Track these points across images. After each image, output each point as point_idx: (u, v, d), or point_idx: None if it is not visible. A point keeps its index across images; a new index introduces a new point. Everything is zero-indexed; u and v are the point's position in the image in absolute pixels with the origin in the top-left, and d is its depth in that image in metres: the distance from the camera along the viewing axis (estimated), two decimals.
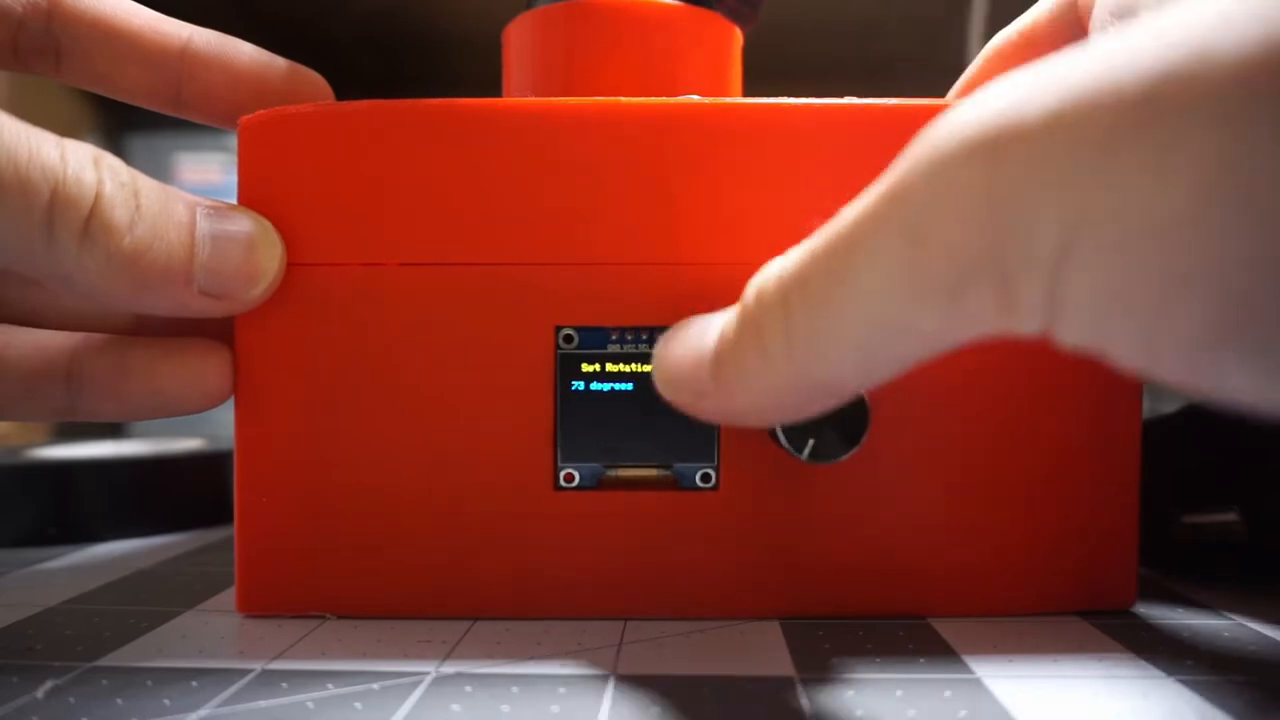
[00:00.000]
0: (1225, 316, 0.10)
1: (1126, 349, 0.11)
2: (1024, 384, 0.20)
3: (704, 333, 0.17)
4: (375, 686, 0.17)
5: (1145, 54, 0.10)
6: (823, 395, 0.15)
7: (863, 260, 0.13)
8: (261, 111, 0.20)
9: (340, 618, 0.21)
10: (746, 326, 0.15)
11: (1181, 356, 0.11)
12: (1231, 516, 0.23)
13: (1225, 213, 0.10)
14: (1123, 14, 0.17)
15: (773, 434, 0.19)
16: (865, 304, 0.13)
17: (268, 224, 0.20)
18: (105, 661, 0.18)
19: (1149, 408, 0.21)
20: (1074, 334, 0.12)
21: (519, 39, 0.24)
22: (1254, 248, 0.10)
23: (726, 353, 0.16)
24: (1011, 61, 0.23)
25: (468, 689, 0.16)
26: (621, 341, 0.20)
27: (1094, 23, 0.19)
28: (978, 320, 0.12)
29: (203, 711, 0.15)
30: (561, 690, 0.16)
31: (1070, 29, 0.22)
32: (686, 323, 0.17)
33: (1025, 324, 0.12)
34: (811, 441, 0.19)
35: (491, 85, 0.26)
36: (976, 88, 0.24)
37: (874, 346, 0.14)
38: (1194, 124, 0.10)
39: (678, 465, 0.20)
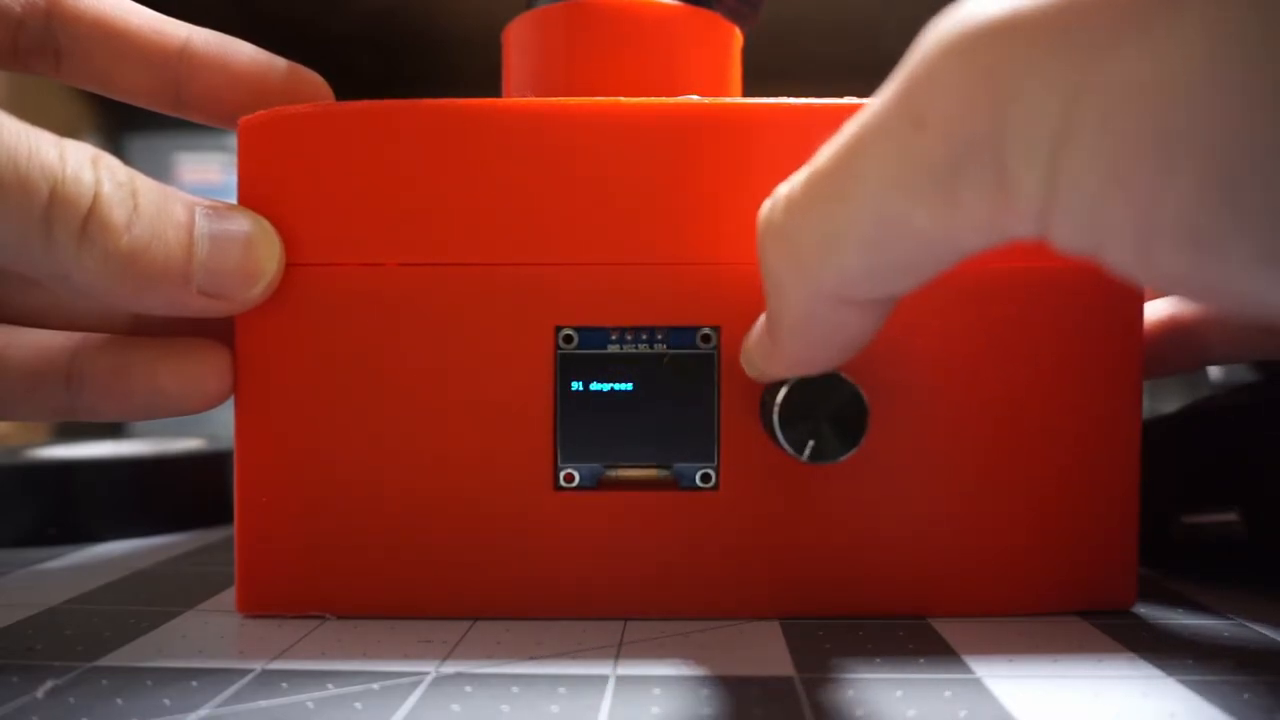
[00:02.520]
0: (1224, 177, 0.10)
1: (1124, 239, 0.11)
2: (1024, 384, 0.20)
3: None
4: (375, 686, 0.17)
5: None
6: (843, 311, 0.15)
7: (866, 152, 0.13)
8: (261, 111, 0.20)
9: (340, 618, 0.21)
10: (764, 272, 0.16)
11: (1180, 238, 0.11)
12: (1231, 516, 0.23)
13: (1223, 72, 0.10)
14: None
15: (772, 434, 0.19)
16: (866, 196, 0.13)
17: (267, 224, 0.20)
18: (105, 661, 0.18)
19: (1149, 408, 0.21)
20: (1070, 228, 0.12)
21: (519, 39, 0.24)
22: (1249, 106, 0.10)
23: (767, 308, 0.17)
24: None
25: (468, 689, 0.16)
26: (621, 341, 0.20)
27: None
28: (973, 214, 0.12)
29: (203, 711, 0.15)
30: (561, 690, 0.16)
31: None
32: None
33: (1022, 220, 0.12)
34: (811, 442, 0.19)
35: (491, 85, 0.26)
36: None
37: (877, 244, 0.14)
38: None
39: (678, 465, 0.20)
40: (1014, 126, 0.11)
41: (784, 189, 0.16)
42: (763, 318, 0.18)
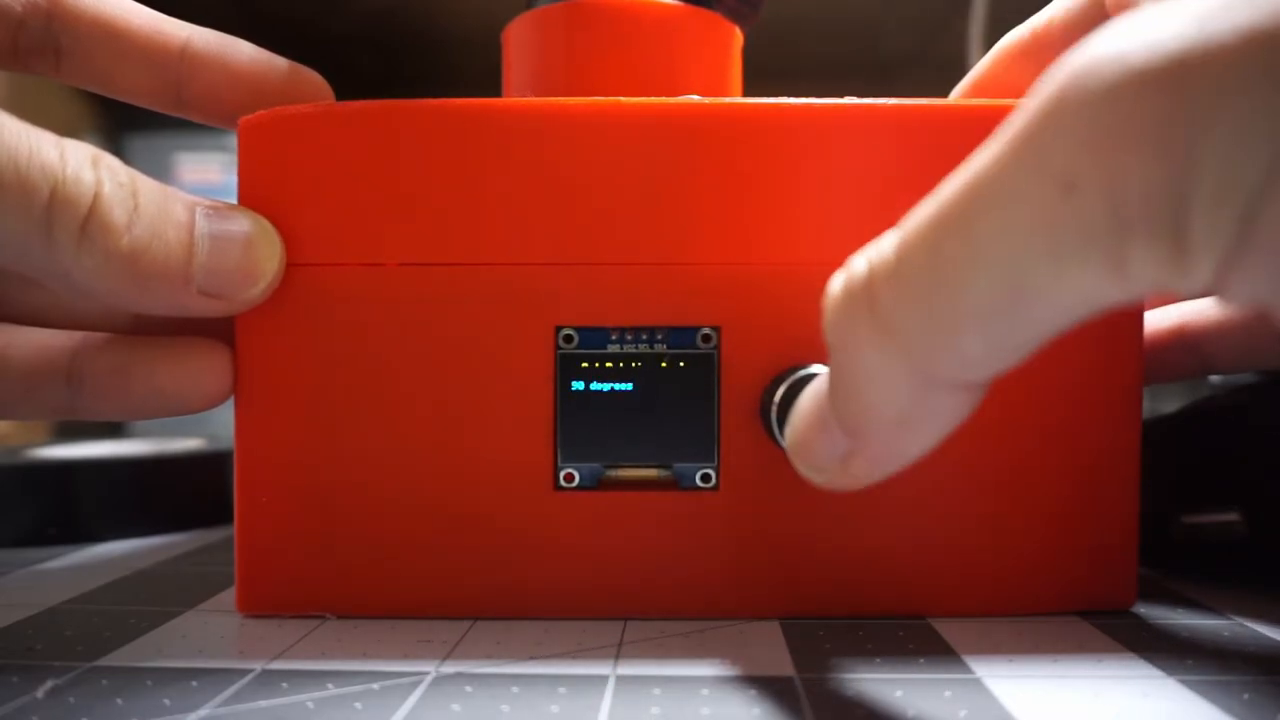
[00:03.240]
0: None
1: None
2: (1024, 384, 0.20)
3: (816, 391, 0.15)
4: (375, 686, 0.17)
5: None
6: (951, 397, 0.14)
7: (992, 219, 0.12)
8: (261, 111, 0.20)
9: (340, 618, 0.21)
10: (839, 356, 0.14)
11: None
12: (1231, 516, 0.23)
13: None
14: None
15: (772, 434, 0.19)
16: (997, 270, 0.12)
17: (267, 224, 0.20)
18: (105, 661, 0.18)
19: (1149, 408, 0.21)
20: (1255, 284, 0.10)
21: (519, 39, 0.24)
22: None
23: (842, 400, 0.14)
24: (1020, 63, 0.23)
25: (468, 689, 0.16)
26: (621, 341, 0.20)
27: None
28: (1137, 277, 0.11)
29: (203, 711, 0.15)
30: (561, 690, 0.16)
31: (1087, 30, 0.22)
32: (800, 396, 0.16)
33: (1192, 276, 0.11)
34: None
35: (491, 85, 0.26)
36: (984, 89, 0.24)
37: (1010, 320, 0.12)
38: None
39: (678, 465, 0.20)
40: (1203, 180, 0.10)
41: (864, 262, 0.14)
42: (805, 411, 0.16)
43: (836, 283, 0.14)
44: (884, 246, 0.14)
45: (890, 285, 0.13)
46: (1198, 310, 0.23)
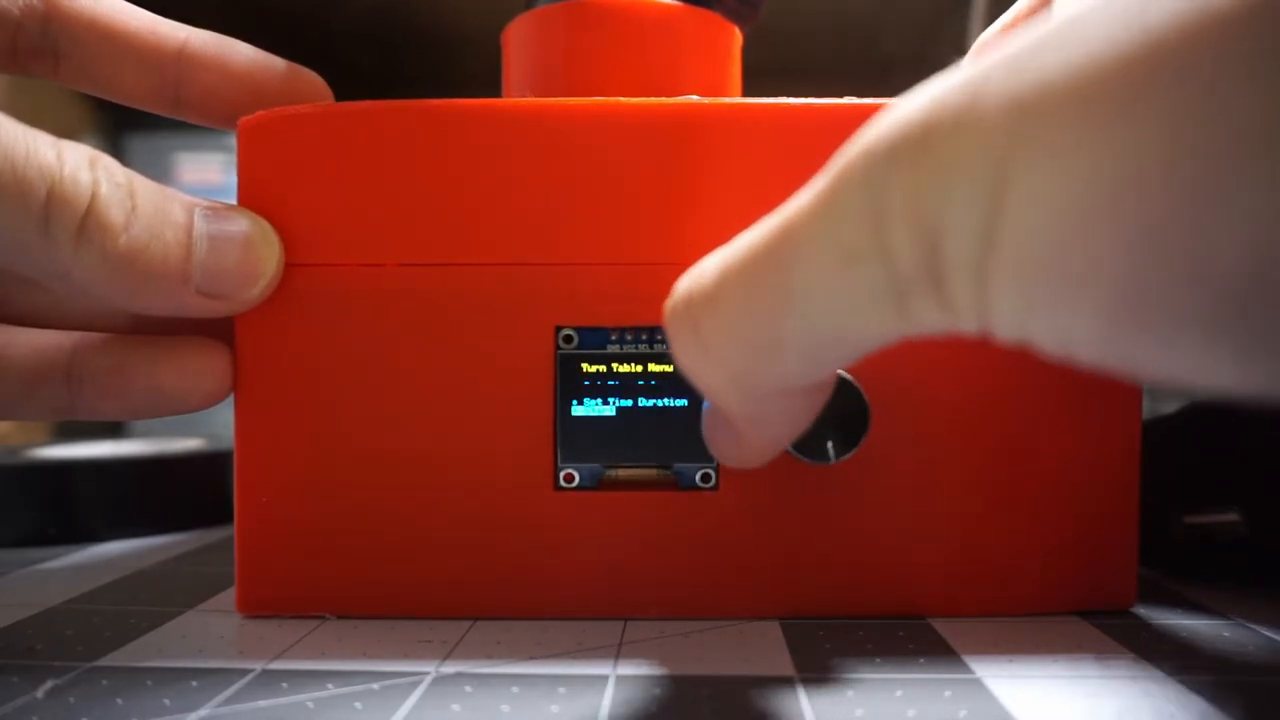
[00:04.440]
0: (1121, 303, 0.10)
1: (1048, 344, 0.12)
2: (1024, 384, 0.20)
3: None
4: (375, 686, 0.17)
5: (1059, 39, 0.11)
6: (789, 398, 0.16)
7: (796, 275, 0.13)
8: (261, 112, 0.20)
9: (340, 618, 0.21)
10: (686, 362, 0.16)
11: (1091, 347, 0.11)
12: (1232, 516, 0.23)
13: (1114, 200, 0.10)
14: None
15: None
16: (805, 317, 0.13)
17: (266, 224, 0.20)
18: (105, 661, 0.18)
19: (1149, 408, 0.21)
20: (1005, 331, 0.12)
21: (519, 39, 0.24)
22: (1138, 231, 0.10)
23: (714, 419, 0.17)
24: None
25: (468, 689, 0.16)
26: (621, 341, 0.20)
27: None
28: (923, 323, 0.13)
29: (203, 711, 0.15)
30: (561, 690, 0.16)
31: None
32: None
33: (965, 324, 0.12)
34: (812, 443, 0.19)
35: (492, 84, 0.26)
36: None
37: (821, 351, 0.14)
38: (1088, 120, 0.10)
39: (678, 465, 0.20)
40: (945, 248, 0.11)
41: (685, 288, 0.15)
42: (706, 408, 0.18)
43: (668, 301, 0.16)
44: (705, 275, 0.15)
45: (710, 316, 0.15)
46: None
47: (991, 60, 0.11)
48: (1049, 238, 0.10)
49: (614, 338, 0.20)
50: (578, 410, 0.20)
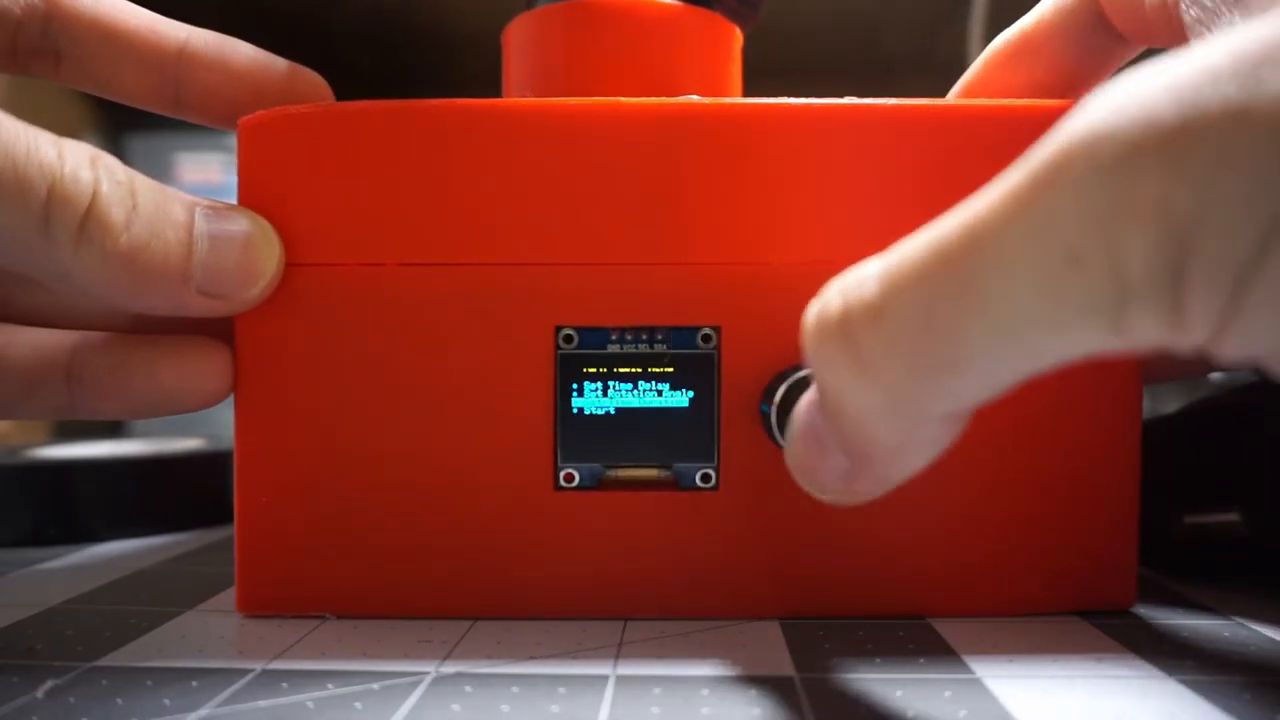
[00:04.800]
0: None
1: None
2: (1023, 384, 0.20)
3: (808, 408, 0.15)
4: (375, 686, 0.17)
5: None
6: (947, 426, 0.14)
7: (992, 283, 0.12)
8: (261, 112, 0.20)
9: (340, 618, 0.21)
10: (833, 398, 0.14)
11: None
12: (1232, 516, 0.23)
13: None
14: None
15: (772, 435, 0.19)
16: (994, 328, 0.12)
17: (266, 224, 0.20)
18: (105, 661, 0.18)
19: (1149, 408, 0.21)
20: (1241, 348, 0.11)
21: (519, 39, 0.24)
22: None
23: (841, 433, 0.15)
24: (1009, 65, 0.23)
25: (468, 689, 0.16)
26: (621, 341, 0.20)
27: (1186, 16, 0.17)
28: (1137, 338, 0.11)
29: (203, 711, 0.15)
30: (561, 690, 0.16)
31: (1075, 31, 0.22)
32: (793, 413, 0.16)
33: (1189, 338, 0.11)
34: None
35: (492, 84, 0.26)
36: (977, 92, 0.24)
37: (1008, 369, 0.13)
38: None
39: (678, 465, 0.20)
40: (1199, 253, 0.10)
41: (839, 297, 0.14)
42: (802, 432, 0.16)
43: (812, 313, 0.14)
44: (864, 283, 0.13)
45: (873, 328, 0.13)
46: None
47: (1254, 45, 0.10)
48: None
49: (614, 338, 0.20)
50: (578, 410, 0.20)
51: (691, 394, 0.20)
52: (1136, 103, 0.11)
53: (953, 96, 0.24)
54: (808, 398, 0.16)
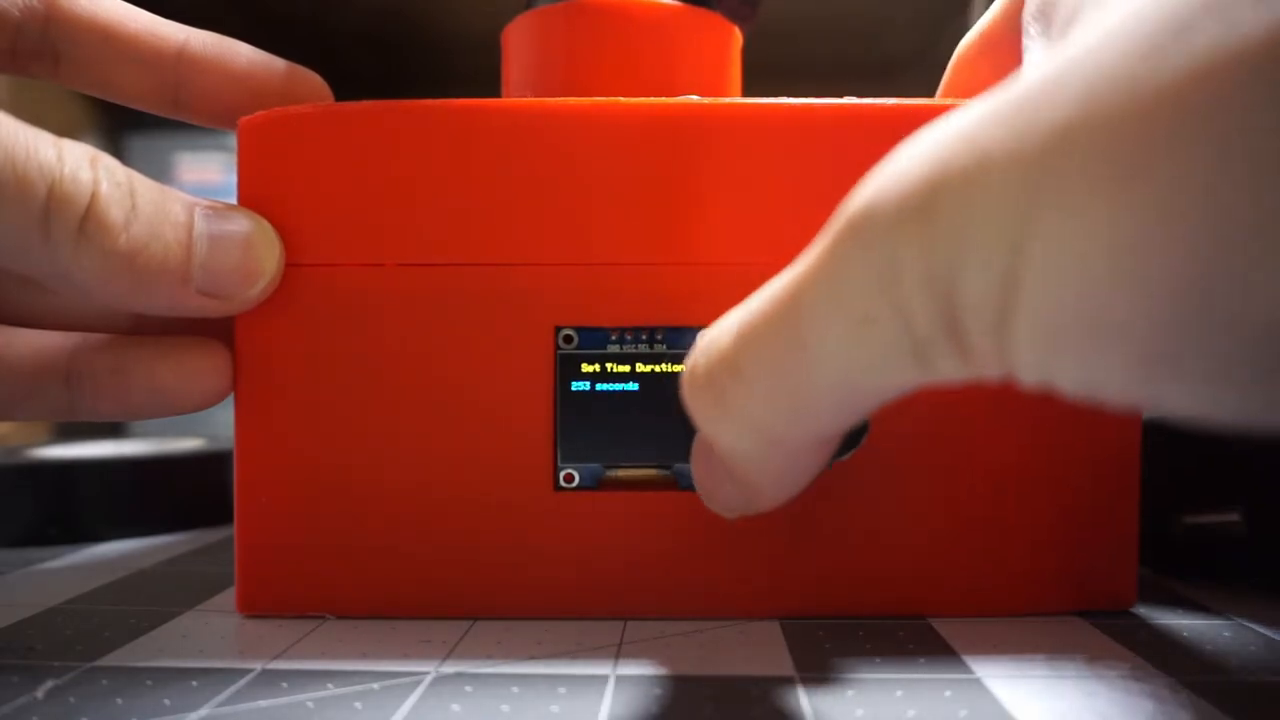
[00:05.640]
0: (1154, 355, 0.10)
1: (1073, 389, 0.11)
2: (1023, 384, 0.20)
3: (701, 445, 0.17)
4: (375, 686, 0.17)
5: (1064, 90, 0.10)
6: (815, 451, 0.16)
7: (815, 338, 0.13)
8: (261, 112, 0.20)
9: (340, 618, 0.21)
10: (713, 431, 0.16)
11: (1119, 391, 0.11)
12: (1232, 516, 0.23)
13: (1144, 261, 0.10)
14: (1041, 17, 0.17)
15: None
16: (828, 376, 0.13)
17: (266, 224, 0.20)
18: (105, 661, 0.18)
19: None
20: (1029, 377, 0.12)
21: (518, 39, 0.24)
22: (1173, 289, 0.10)
23: (720, 455, 0.16)
24: (975, 65, 0.23)
25: (468, 689, 0.16)
26: (621, 341, 0.20)
27: (1024, 26, 0.19)
28: (945, 374, 0.13)
29: (203, 711, 0.15)
30: (561, 690, 0.16)
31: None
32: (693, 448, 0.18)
33: (988, 372, 0.12)
34: None
35: (491, 85, 0.26)
36: (953, 93, 0.24)
37: (844, 405, 0.14)
38: (1108, 178, 0.10)
39: (678, 465, 0.20)
40: (964, 310, 0.11)
41: (702, 358, 0.15)
42: (699, 467, 0.18)
43: (686, 367, 0.16)
44: (721, 339, 0.15)
45: (733, 381, 0.15)
46: None
47: (989, 110, 0.11)
48: (1074, 295, 0.10)
49: (614, 338, 0.20)
50: (578, 410, 0.20)
51: None
52: (901, 174, 0.12)
53: (938, 98, 0.24)
54: (699, 440, 0.18)
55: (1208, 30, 0.09)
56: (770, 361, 0.14)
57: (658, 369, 0.20)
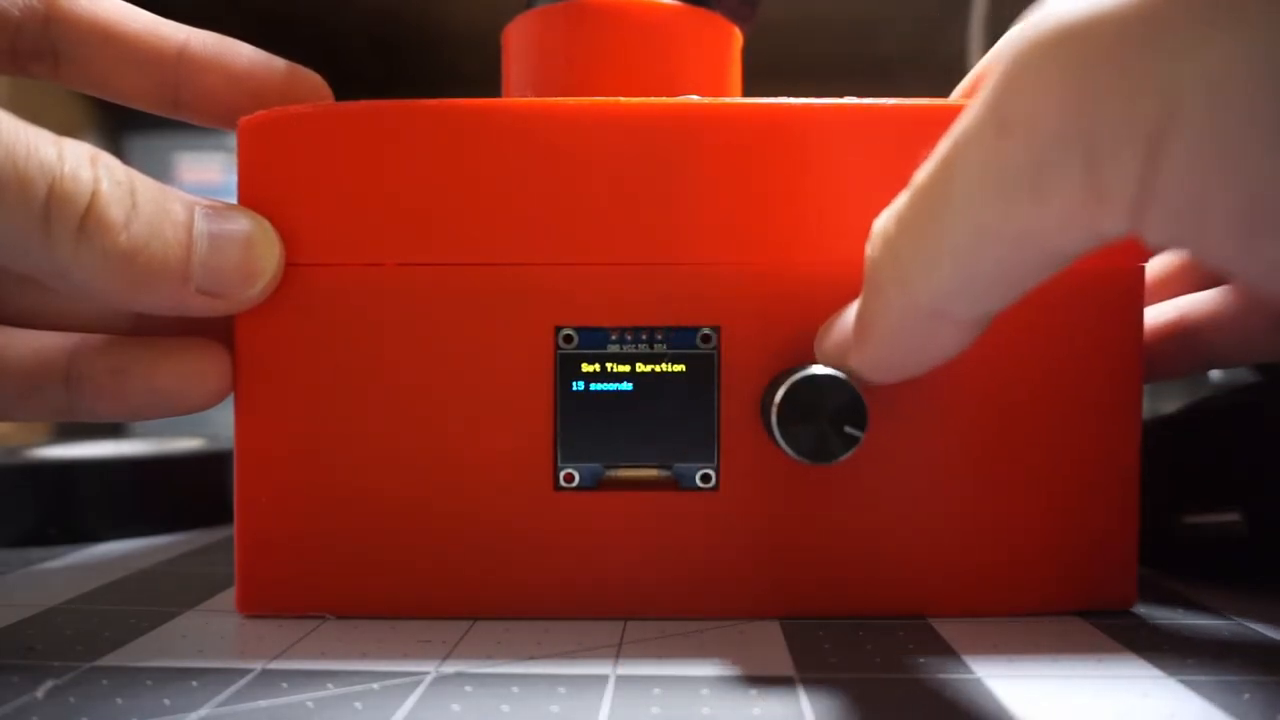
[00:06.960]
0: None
1: (1229, 224, 0.11)
2: (1024, 384, 0.20)
3: (851, 306, 0.18)
4: (375, 686, 0.17)
5: None
6: (936, 325, 0.16)
7: (957, 163, 0.14)
8: (261, 112, 0.20)
9: (340, 618, 0.21)
10: (868, 275, 0.16)
11: (1222, 238, 0.11)
12: (1232, 516, 0.23)
13: None
14: None
15: (772, 434, 0.19)
16: (958, 210, 0.14)
17: (266, 223, 0.20)
18: (105, 661, 0.18)
19: (1149, 408, 0.21)
20: (1168, 221, 0.12)
21: (519, 39, 0.24)
22: None
23: (861, 308, 0.17)
24: None
25: (468, 689, 0.16)
26: (621, 341, 0.20)
27: None
28: (1062, 213, 0.13)
29: (203, 711, 0.15)
30: (561, 690, 0.16)
31: None
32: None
33: (1113, 217, 0.12)
34: (811, 442, 0.19)
35: (492, 85, 0.26)
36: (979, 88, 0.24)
37: (971, 256, 0.14)
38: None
39: (678, 465, 0.20)
40: (1107, 125, 0.12)
41: (888, 211, 0.16)
42: (850, 310, 0.18)
43: (882, 214, 0.16)
44: (900, 198, 0.16)
45: (896, 224, 0.15)
46: (1196, 302, 0.23)
47: None
48: (1255, 99, 0.10)
49: (614, 338, 0.20)
50: (578, 410, 0.20)
51: (692, 395, 0.20)
52: (1061, 8, 0.12)
53: (958, 95, 0.24)
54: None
55: None
56: (922, 198, 0.15)
57: (657, 369, 0.20)
